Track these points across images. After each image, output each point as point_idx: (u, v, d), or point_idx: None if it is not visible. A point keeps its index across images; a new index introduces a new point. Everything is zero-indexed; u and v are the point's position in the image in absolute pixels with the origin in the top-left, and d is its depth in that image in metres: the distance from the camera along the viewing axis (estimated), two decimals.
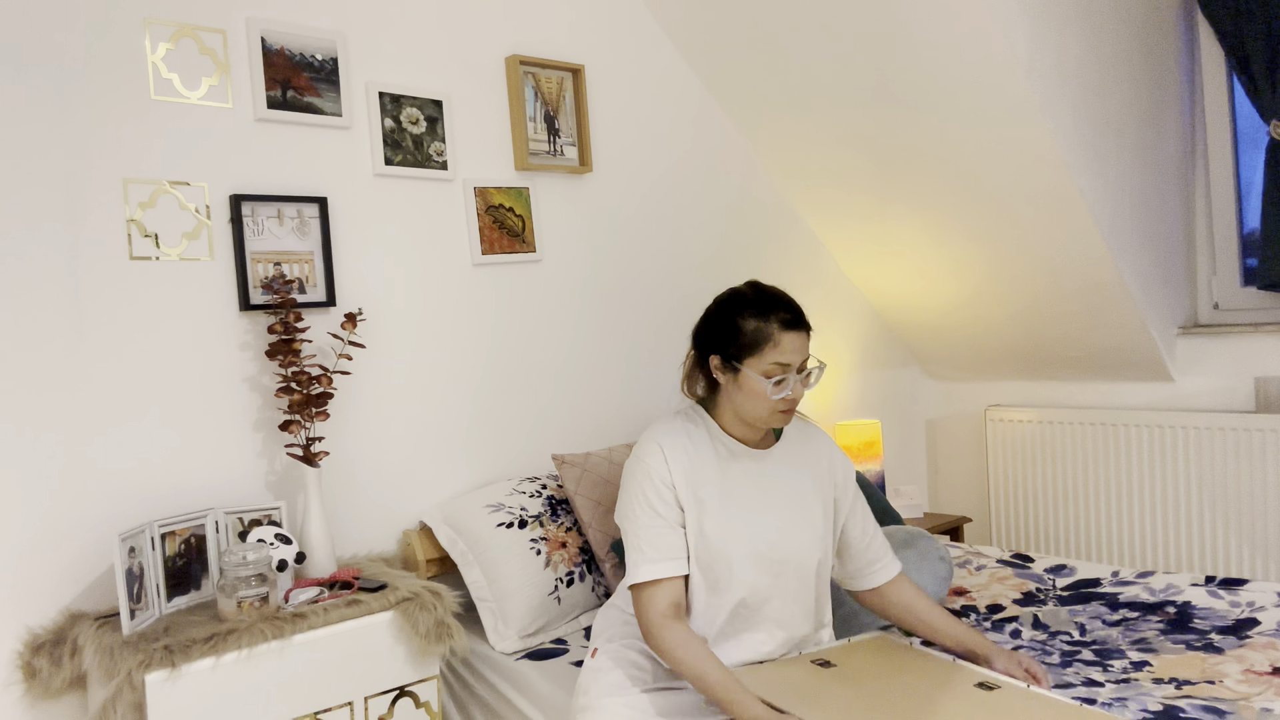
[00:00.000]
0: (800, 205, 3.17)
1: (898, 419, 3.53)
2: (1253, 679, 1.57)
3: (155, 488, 1.90)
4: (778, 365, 1.51)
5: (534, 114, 2.50)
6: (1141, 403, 2.99)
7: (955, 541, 3.00)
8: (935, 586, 2.02)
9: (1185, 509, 2.83)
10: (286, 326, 1.95)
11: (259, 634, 1.61)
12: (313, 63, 2.12)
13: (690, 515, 1.55)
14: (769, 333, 1.51)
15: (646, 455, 1.56)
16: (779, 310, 1.53)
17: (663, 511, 1.53)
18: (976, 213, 2.75)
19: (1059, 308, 2.87)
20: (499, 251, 2.43)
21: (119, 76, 1.87)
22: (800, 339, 1.53)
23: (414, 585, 1.84)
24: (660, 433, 1.59)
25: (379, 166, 2.22)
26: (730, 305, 1.57)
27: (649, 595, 1.51)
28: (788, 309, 1.54)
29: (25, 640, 1.73)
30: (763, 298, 1.55)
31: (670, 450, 1.56)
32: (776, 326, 1.51)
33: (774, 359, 1.51)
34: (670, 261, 2.83)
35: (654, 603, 1.50)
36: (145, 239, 1.90)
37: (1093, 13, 2.48)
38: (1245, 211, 2.84)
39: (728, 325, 1.55)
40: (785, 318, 1.52)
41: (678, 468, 1.55)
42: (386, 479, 2.23)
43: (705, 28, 2.74)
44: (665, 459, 1.55)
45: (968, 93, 2.40)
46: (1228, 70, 2.80)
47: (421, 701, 1.82)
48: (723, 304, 1.60)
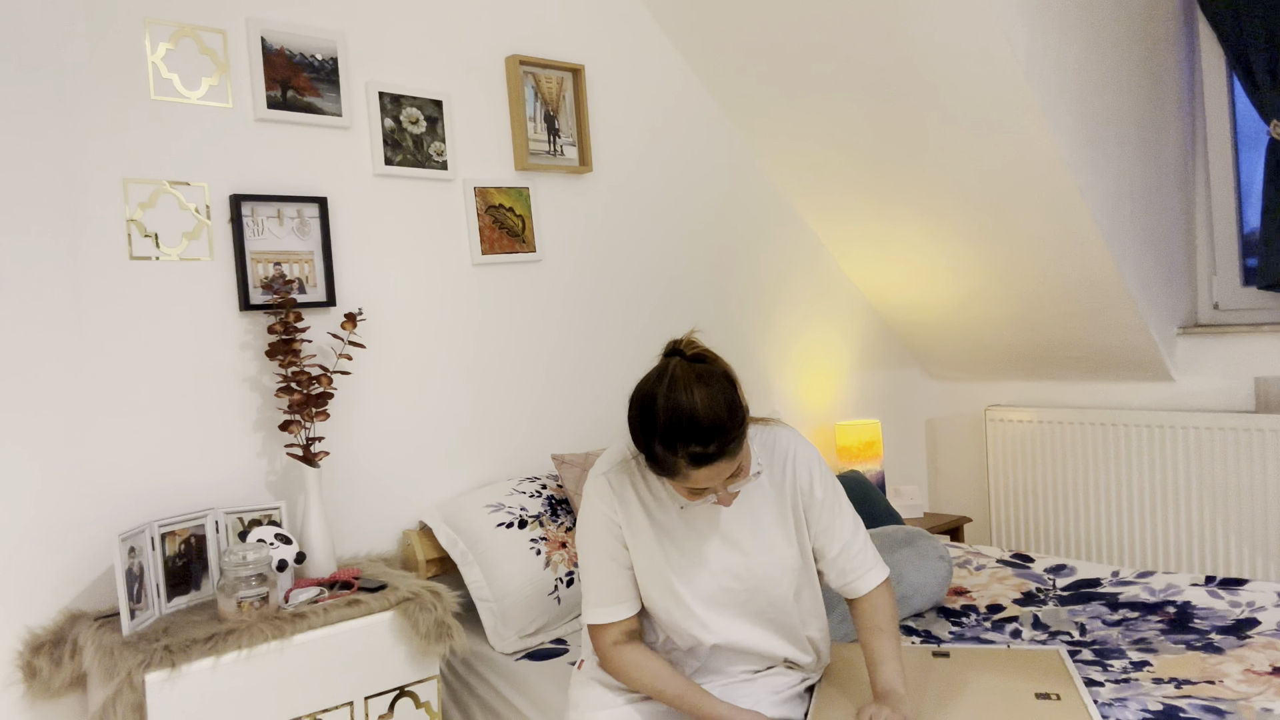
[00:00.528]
0: (800, 205, 3.17)
1: (897, 419, 3.53)
2: (1253, 679, 1.57)
3: (155, 488, 1.90)
4: (691, 491, 1.40)
5: (534, 114, 2.50)
6: (1141, 403, 2.99)
7: (955, 541, 3.00)
8: (934, 586, 2.03)
9: (1185, 509, 2.83)
10: (286, 326, 1.95)
11: (259, 634, 1.61)
12: (313, 63, 2.12)
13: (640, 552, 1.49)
14: (678, 466, 1.33)
15: (594, 495, 1.51)
16: (689, 444, 1.30)
17: (613, 552, 1.50)
18: (976, 213, 2.75)
19: (1059, 308, 2.87)
20: (499, 251, 2.43)
21: (119, 76, 1.87)
22: (715, 470, 1.33)
23: (414, 585, 1.84)
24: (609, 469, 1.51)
25: (379, 166, 2.22)
26: (643, 420, 1.36)
27: (601, 630, 1.51)
28: (700, 440, 1.30)
29: (25, 640, 1.74)
30: (672, 426, 1.31)
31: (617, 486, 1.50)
32: (684, 463, 1.32)
33: (687, 485, 1.37)
34: (670, 261, 2.83)
35: (606, 635, 1.51)
36: (145, 239, 1.90)
37: (1093, 13, 2.48)
38: (1245, 211, 2.84)
39: (639, 436, 1.37)
40: (695, 453, 1.31)
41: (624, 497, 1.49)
42: (386, 479, 2.23)
43: (705, 28, 2.74)
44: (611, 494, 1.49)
45: (968, 93, 2.40)
46: (1228, 70, 2.80)
47: (421, 701, 1.82)
48: (638, 416, 1.37)
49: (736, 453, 1.35)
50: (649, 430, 1.35)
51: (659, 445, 1.33)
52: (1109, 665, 1.68)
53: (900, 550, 2.03)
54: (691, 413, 1.31)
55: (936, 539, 2.11)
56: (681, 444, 1.31)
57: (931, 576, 2.02)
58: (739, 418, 1.35)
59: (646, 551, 1.49)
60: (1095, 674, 1.64)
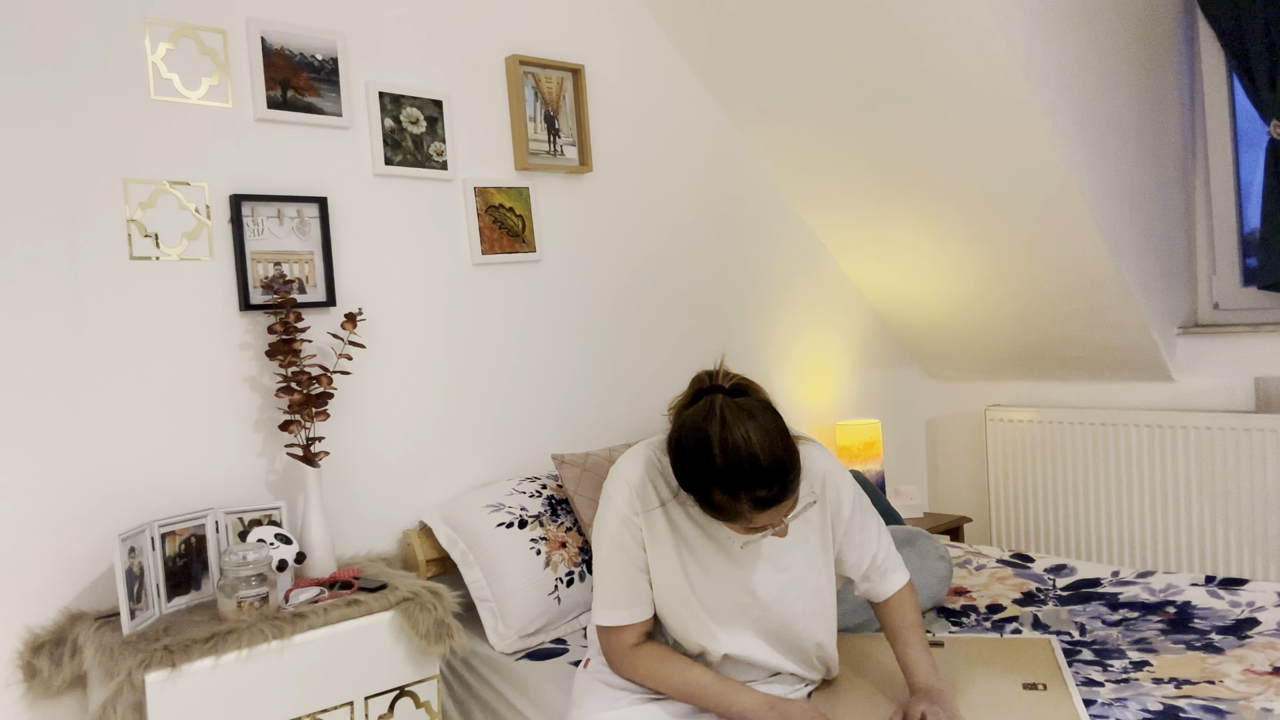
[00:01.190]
0: (800, 205, 3.17)
1: (898, 419, 3.53)
2: (1253, 679, 1.57)
3: (155, 488, 1.90)
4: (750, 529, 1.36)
5: (534, 114, 2.50)
6: (1141, 403, 2.99)
7: (955, 541, 3.00)
8: (935, 586, 2.03)
9: (1185, 509, 2.83)
10: (286, 326, 1.95)
11: (259, 634, 1.61)
12: (313, 63, 2.12)
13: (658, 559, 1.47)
14: (741, 510, 1.31)
15: (617, 496, 1.47)
16: (754, 489, 1.28)
17: (632, 555, 1.47)
18: (976, 213, 2.75)
19: (1059, 308, 2.87)
20: (499, 251, 2.43)
21: (119, 76, 1.87)
22: (779, 510, 1.32)
23: (414, 585, 1.84)
24: (632, 469, 1.48)
25: (379, 166, 2.22)
26: (698, 468, 1.32)
27: (614, 634, 1.48)
28: (764, 484, 1.27)
29: (25, 640, 1.74)
30: (733, 472, 1.28)
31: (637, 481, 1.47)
32: (748, 508, 1.30)
33: (748, 527, 1.35)
34: (670, 261, 2.83)
35: (619, 639, 1.48)
36: (145, 239, 1.90)
37: (1093, 13, 2.48)
38: (1245, 211, 2.84)
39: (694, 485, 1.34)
40: (760, 497, 1.28)
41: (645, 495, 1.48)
42: (386, 479, 2.23)
43: (705, 28, 2.74)
44: (637, 500, 1.46)
45: (968, 93, 2.40)
46: (1228, 70, 2.80)
47: (421, 701, 1.82)
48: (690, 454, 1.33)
49: (797, 488, 1.31)
50: (706, 476, 1.30)
51: (719, 492, 1.29)
52: (1109, 665, 1.68)
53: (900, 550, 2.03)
54: (752, 456, 1.27)
55: (936, 539, 2.11)
56: (745, 490, 1.27)
57: (931, 576, 2.02)
58: (794, 453, 1.31)
59: (664, 559, 1.47)
60: (1095, 674, 1.64)
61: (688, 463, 1.33)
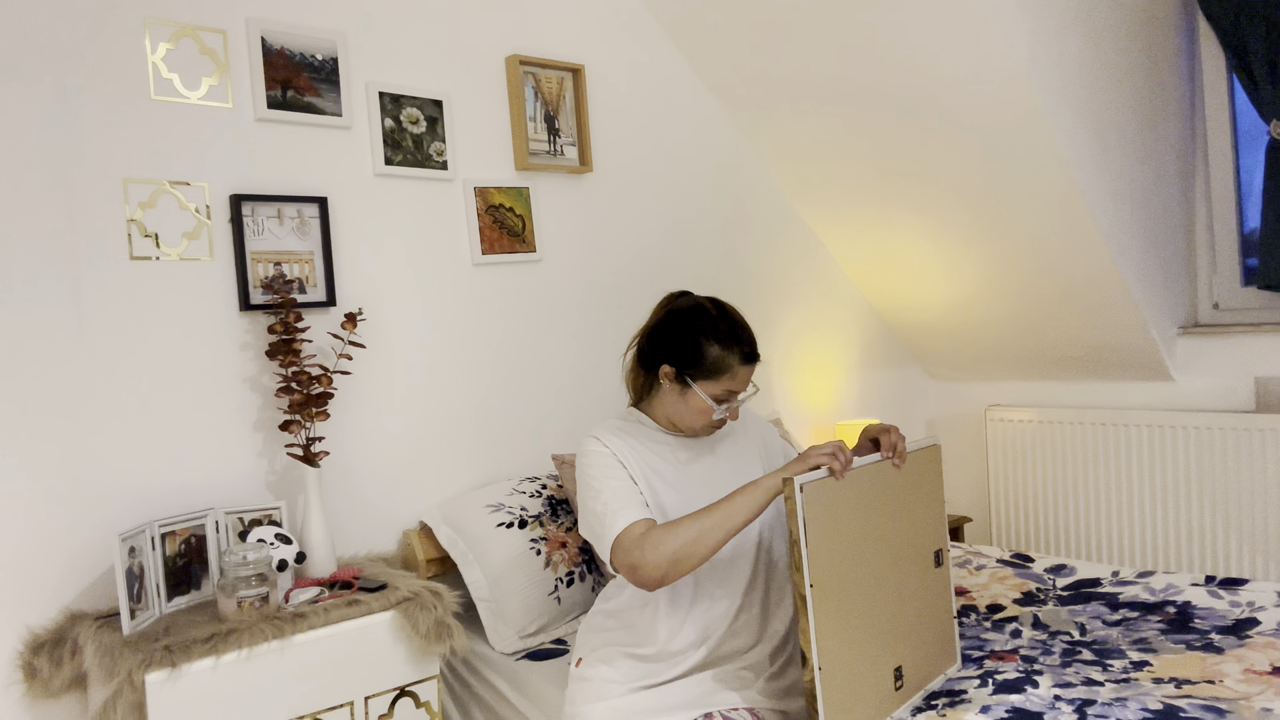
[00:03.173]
0: (800, 205, 3.17)
1: (898, 419, 3.53)
2: (1253, 679, 1.57)
3: (155, 488, 1.90)
4: (728, 392, 1.56)
5: (534, 114, 2.50)
6: (1141, 403, 2.99)
7: (955, 541, 3.00)
8: None
9: (1185, 509, 2.83)
10: (286, 326, 1.95)
11: (259, 634, 1.61)
12: (313, 63, 2.12)
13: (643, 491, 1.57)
14: (729, 364, 1.54)
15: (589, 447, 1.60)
16: (742, 344, 1.56)
17: (618, 475, 1.55)
18: (976, 213, 2.75)
19: (1059, 308, 2.87)
20: (499, 251, 2.43)
21: (119, 76, 1.87)
22: (750, 371, 1.58)
23: (414, 585, 1.84)
24: (597, 430, 1.62)
25: (379, 166, 2.22)
26: (695, 324, 1.57)
27: (625, 535, 1.46)
28: (749, 342, 1.57)
29: (25, 640, 1.74)
30: (729, 325, 1.57)
31: (610, 442, 1.59)
32: (737, 359, 1.55)
33: (727, 387, 1.56)
34: (670, 261, 2.83)
35: (635, 529, 1.46)
36: (145, 239, 1.90)
37: (1093, 13, 2.48)
38: (1245, 211, 2.84)
39: (689, 344, 1.56)
40: (746, 352, 1.56)
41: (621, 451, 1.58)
42: (386, 479, 2.23)
43: (705, 28, 2.74)
44: (606, 444, 1.58)
45: (968, 93, 2.40)
46: (1228, 70, 2.80)
47: (421, 701, 1.82)
48: (685, 319, 1.59)
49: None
50: (703, 332, 1.55)
51: (716, 346, 1.54)
52: (1109, 665, 1.68)
53: None
54: (740, 320, 1.60)
55: None
56: (736, 344, 1.55)
57: None
58: None
59: (661, 477, 1.59)
60: (1095, 674, 1.64)
61: (684, 326, 1.58)
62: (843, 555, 1.44)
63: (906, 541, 1.59)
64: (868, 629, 1.47)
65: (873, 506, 1.52)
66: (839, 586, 1.42)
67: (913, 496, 1.64)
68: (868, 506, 1.50)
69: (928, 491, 1.69)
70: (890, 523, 1.55)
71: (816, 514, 1.39)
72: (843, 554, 1.44)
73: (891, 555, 1.55)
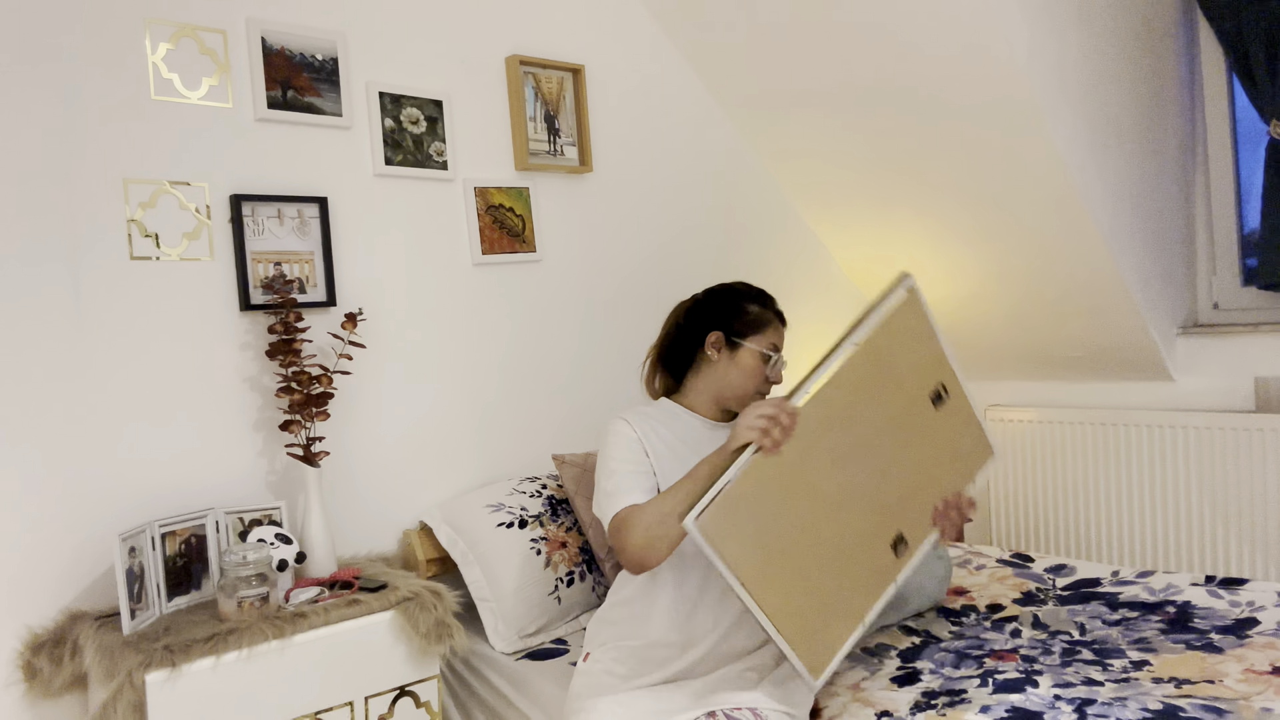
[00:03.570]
0: (800, 205, 3.17)
1: None
2: (1253, 678, 1.57)
3: (155, 488, 1.90)
4: (774, 346, 1.72)
5: (534, 114, 2.50)
6: (1141, 403, 2.99)
7: (955, 541, 3.00)
8: (933, 586, 2.03)
9: (1185, 509, 2.83)
10: (287, 326, 1.95)
11: (259, 634, 1.62)
12: (313, 63, 2.12)
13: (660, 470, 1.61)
14: (769, 318, 1.74)
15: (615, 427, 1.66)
16: (774, 304, 1.78)
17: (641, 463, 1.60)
18: (976, 213, 2.75)
19: (1059, 308, 2.87)
20: (499, 251, 2.43)
21: (119, 76, 1.87)
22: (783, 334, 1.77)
23: (414, 585, 1.84)
24: (626, 413, 1.70)
25: (379, 166, 2.22)
26: (732, 291, 1.77)
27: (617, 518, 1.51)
28: (777, 305, 1.79)
29: (25, 640, 1.74)
30: (760, 293, 1.78)
31: (638, 425, 1.65)
32: (774, 315, 1.75)
33: (772, 340, 1.72)
34: (670, 261, 2.83)
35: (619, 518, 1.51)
36: (145, 239, 1.90)
37: (1092, 13, 2.48)
38: (1245, 211, 2.84)
39: (732, 306, 1.73)
40: (778, 310, 1.78)
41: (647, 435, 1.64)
42: (386, 479, 2.23)
43: (705, 28, 2.74)
44: (633, 427, 1.64)
45: (967, 93, 2.40)
46: (1228, 70, 2.80)
47: (422, 701, 1.82)
48: (723, 291, 1.78)
49: None
50: (741, 297, 1.75)
51: (755, 305, 1.74)
52: (1109, 665, 1.68)
53: None
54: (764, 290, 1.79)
55: None
56: (769, 304, 1.76)
57: (929, 576, 2.02)
58: None
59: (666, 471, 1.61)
60: (1095, 673, 1.64)
61: (721, 297, 1.77)
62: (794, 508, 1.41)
63: (892, 415, 1.55)
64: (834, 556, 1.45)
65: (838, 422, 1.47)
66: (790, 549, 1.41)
67: (892, 368, 1.56)
68: (831, 426, 1.46)
69: (912, 348, 1.60)
70: (866, 412, 1.51)
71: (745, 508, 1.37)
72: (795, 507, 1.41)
73: (872, 437, 1.51)
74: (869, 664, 1.78)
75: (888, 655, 1.82)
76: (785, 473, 1.42)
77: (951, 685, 1.63)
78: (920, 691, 1.62)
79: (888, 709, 1.55)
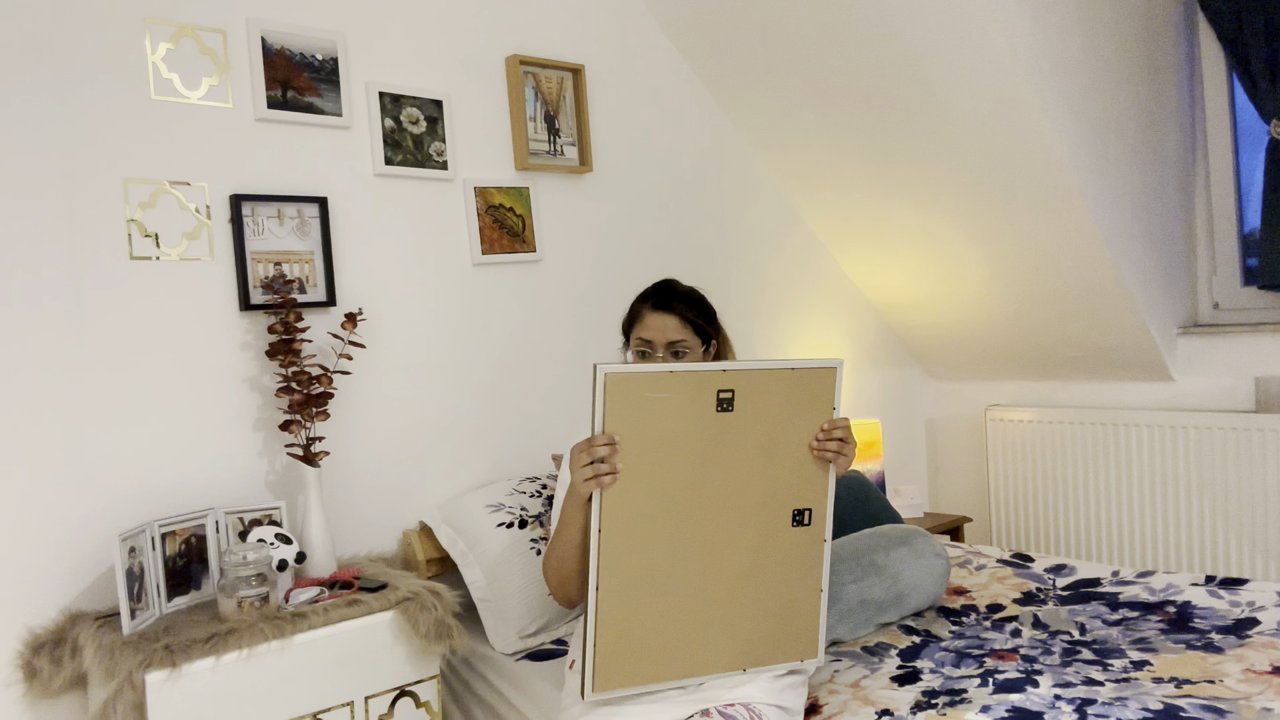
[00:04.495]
0: (800, 205, 3.17)
1: (898, 419, 3.53)
2: (1253, 678, 1.57)
3: (155, 488, 1.90)
4: (640, 340, 1.69)
5: (534, 114, 2.50)
6: (1141, 403, 2.99)
7: (955, 541, 3.00)
8: (932, 585, 2.03)
9: (1185, 509, 2.83)
10: (286, 326, 1.95)
11: (259, 634, 1.61)
12: (313, 63, 2.12)
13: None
14: (639, 311, 1.72)
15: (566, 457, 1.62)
16: (652, 293, 1.74)
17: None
18: (976, 213, 2.75)
19: (1059, 308, 2.87)
20: (499, 251, 2.43)
21: (119, 76, 1.87)
22: (663, 319, 1.68)
23: (414, 585, 1.84)
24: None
25: (379, 166, 2.22)
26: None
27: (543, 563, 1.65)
28: (660, 292, 1.73)
29: (25, 640, 1.73)
30: (654, 286, 1.76)
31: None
32: (645, 308, 1.71)
33: (639, 334, 1.70)
34: (670, 261, 2.83)
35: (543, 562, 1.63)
36: (145, 239, 1.90)
37: (1093, 13, 2.48)
38: (1245, 211, 2.84)
39: (629, 310, 1.76)
40: (649, 296, 1.73)
41: None
42: (386, 479, 2.23)
43: (705, 28, 2.74)
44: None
45: (968, 92, 2.40)
46: (1228, 70, 2.80)
47: (422, 701, 1.82)
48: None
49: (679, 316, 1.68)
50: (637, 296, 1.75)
51: (636, 301, 1.74)
52: (1109, 665, 1.68)
53: (897, 549, 2.03)
54: (667, 281, 1.76)
55: (932, 537, 2.11)
56: (649, 295, 1.73)
57: (928, 575, 2.02)
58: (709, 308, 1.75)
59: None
60: (1095, 673, 1.64)
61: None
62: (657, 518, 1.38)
63: (747, 494, 1.43)
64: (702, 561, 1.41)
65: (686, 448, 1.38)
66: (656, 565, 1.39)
67: (773, 436, 1.43)
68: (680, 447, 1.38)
69: (800, 428, 1.45)
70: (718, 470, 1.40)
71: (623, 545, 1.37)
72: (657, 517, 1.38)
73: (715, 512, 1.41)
74: (869, 663, 1.78)
75: (888, 654, 1.82)
76: (634, 489, 1.37)
77: (952, 685, 1.63)
78: (920, 690, 1.62)
79: (888, 708, 1.55)
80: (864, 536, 2.09)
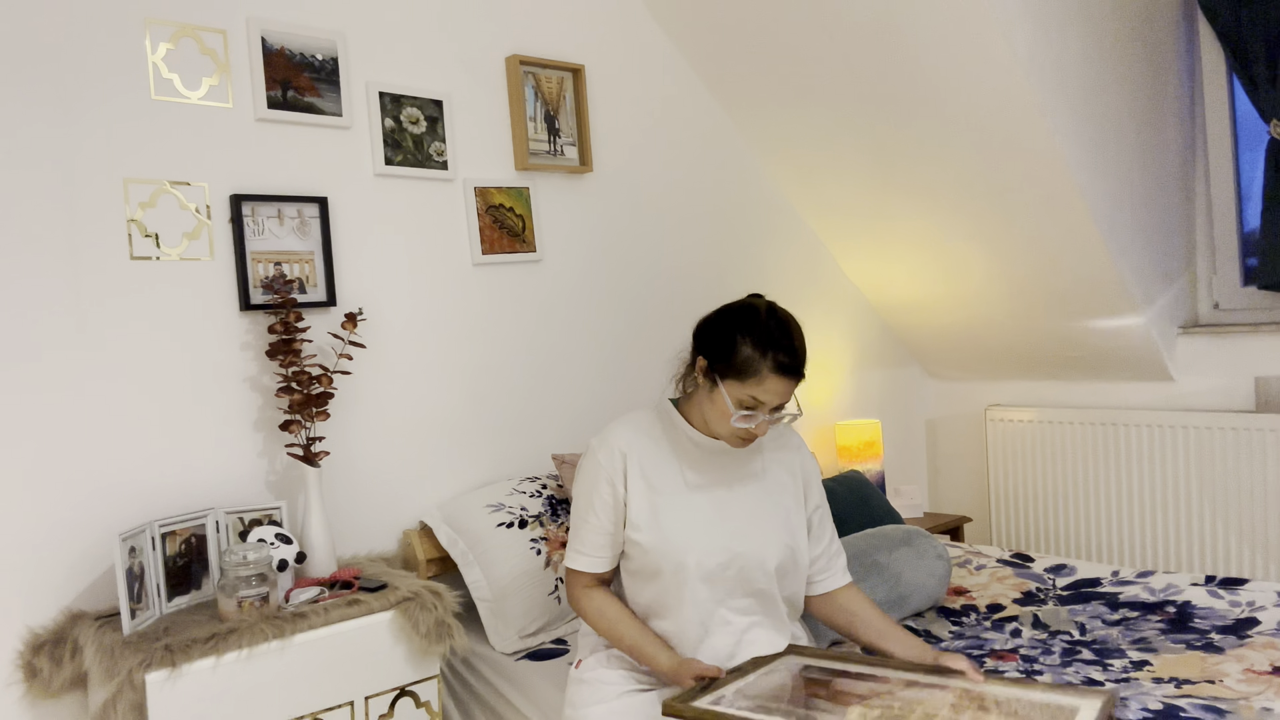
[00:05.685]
0: (800, 205, 3.17)
1: (897, 419, 3.53)
2: (1253, 678, 1.57)
3: (155, 488, 1.90)
4: (753, 399, 1.47)
5: (534, 114, 2.50)
6: (1141, 402, 2.99)
7: (955, 541, 3.00)
8: (933, 585, 2.03)
9: (1185, 509, 2.83)
10: (287, 326, 1.95)
11: (259, 634, 1.61)
12: (313, 63, 2.12)
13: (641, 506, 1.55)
14: (758, 368, 1.44)
15: (589, 455, 1.60)
16: (779, 351, 1.45)
17: (601, 512, 1.57)
18: (976, 212, 2.75)
19: (1059, 308, 2.87)
20: (499, 251, 2.43)
21: (119, 76, 1.87)
22: (786, 385, 1.47)
23: (414, 585, 1.84)
24: (622, 426, 1.61)
25: (379, 166, 2.22)
26: (737, 320, 1.49)
27: (572, 574, 1.62)
28: (789, 352, 1.46)
29: (26, 640, 1.74)
30: (771, 329, 1.47)
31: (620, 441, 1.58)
32: (768, 366, 1.44)
33: (752, 393, 1.46)
34: (670, 261, 2.83)
35: (576, 579, 1.62)
36: (146, 239, 1.90)
37: (1092, 13, 2.48)
38: (1245, 211, 2.84)
39: (726, 339, 1.48)
40: (781, 361, 1.45)
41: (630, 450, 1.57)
42: (386, 479, 2.23)
43: (705, 28, 2.74)
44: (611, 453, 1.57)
45: (968, 93, 2.40)
46: (1228, 70, 2.80)
47: (422, 701, 1.82)
48: (731, 315, 1.52)
49: (801, 379, 1.49)
50: (743, 328, 1.47)
51: (750, 346, 1.45)
52: (1109, 665, 1.68)
53: (898, 550, 2.03)
54: (789, 327, 1.49)
55: (934, 538, 2.11)
56: (773, 350, 1.45)
57: (929, 575, 2.02)
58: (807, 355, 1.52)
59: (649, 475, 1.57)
60: (1095, 674, 1.64)
61: (727, 319, 1.51)
62: None
63: None
64: None
65: None
66: None
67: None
68: None
69: None
70: None
71: None
72: None
73: None
74: None
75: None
76: None
77: None
78: None
79: None
80: (865, 537, 2.09)
